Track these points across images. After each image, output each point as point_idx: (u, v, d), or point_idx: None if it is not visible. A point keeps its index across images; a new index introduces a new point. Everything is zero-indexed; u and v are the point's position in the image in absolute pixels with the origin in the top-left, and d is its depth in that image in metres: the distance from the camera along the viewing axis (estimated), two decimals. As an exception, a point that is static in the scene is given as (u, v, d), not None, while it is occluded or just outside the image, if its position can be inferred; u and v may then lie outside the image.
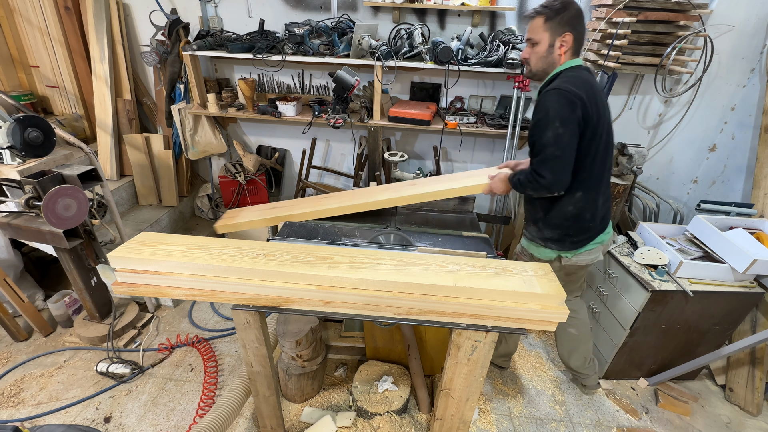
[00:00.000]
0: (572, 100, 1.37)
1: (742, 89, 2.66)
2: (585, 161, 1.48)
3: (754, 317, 2.21)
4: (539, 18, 1.47)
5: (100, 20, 2.82)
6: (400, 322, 1.32)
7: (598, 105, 1.43)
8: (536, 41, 1.49)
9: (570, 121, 1.38)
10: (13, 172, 1.80)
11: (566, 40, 1.45)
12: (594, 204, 1.59)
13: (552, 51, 1.48)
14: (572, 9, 1.43)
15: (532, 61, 1.54)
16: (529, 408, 2.13)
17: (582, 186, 1.53)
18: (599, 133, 1.46)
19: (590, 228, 1.64)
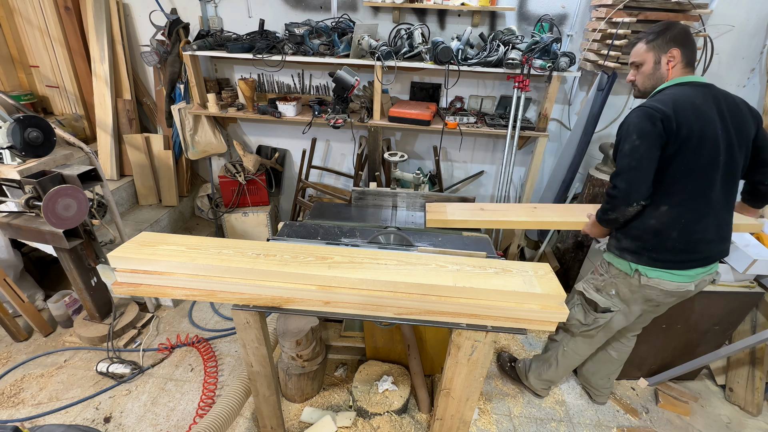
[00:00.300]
0: (652, 114, 1.35)
1: (742, 89, 2.66)
2: (672, 175, 1.41)
3: (754, 317, 2.21)
4: (640, 43, 1.50)
5: (100, 20, 2.82)
6: (400, 322, 1.32)
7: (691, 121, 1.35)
8: (640, 62, 1.51)
9: (648, 134, 1.35)
10: (13, 172, 1.80)
11: (674, 55, 1.44)
12: (685, 224, 1.45)
13: (659, 68, 1.47)
14: (676, 28, 1.44)
15: (639, 81, 1.54)
16: (529, 408, 2.13)
17: (668, 201, 1.45)
18: (689, 150, 1.37)
19: (676, 249, 1.48)
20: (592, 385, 2.14)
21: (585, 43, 2.63)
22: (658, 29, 1.45)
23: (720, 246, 1.54)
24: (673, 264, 1.51)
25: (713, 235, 1.49)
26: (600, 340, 1.87)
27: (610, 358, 2.02)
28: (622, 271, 1.62)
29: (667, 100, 1.38)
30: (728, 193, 1.49)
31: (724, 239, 1.54)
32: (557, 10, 2.61)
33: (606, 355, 2.03)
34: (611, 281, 1.68)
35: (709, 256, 1.53)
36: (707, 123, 1.37)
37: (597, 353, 2.06)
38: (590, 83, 2.78)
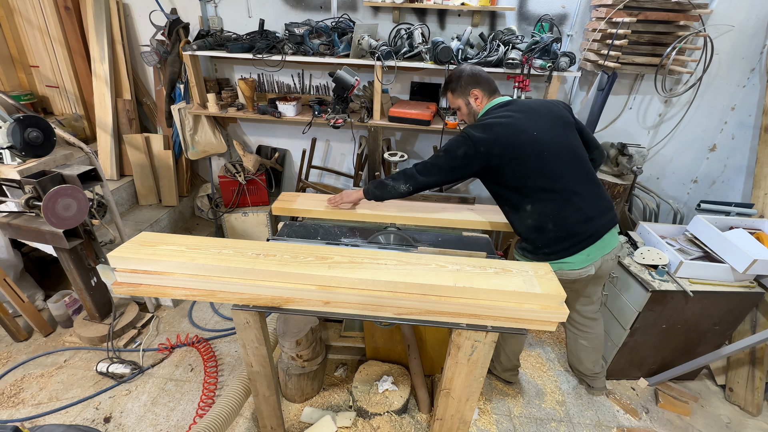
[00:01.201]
0: (463, 139, 1.56)
1: (742, 89, 2.66)
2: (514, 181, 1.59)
3: (754, 317, 2.21)
4: (448, 94, 1.76)
5: (100, 20, 2.82)
6: (400, 322, 1.32)
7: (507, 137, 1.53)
8: (457, 107, 1.77)
9: (450, 152, 1.58)
10: (13, 172, 1.80)
11: (476, 93, 1.69)
12: (552, 213, 1.58)
13: (471, 107, 1.72)
14: (465, 73, 1.69)
15: (467, 120, 1.79)
16: (529, 408, 2.13)
17: (528, 200, 1.60)
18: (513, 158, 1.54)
19: (558, 237, 1.60)
20: (584, 372, 2.21)
21: (585, 43, 2.63)
22: (454, 78, 1.71)
23: (601, 219, 1.64)
24: (565, 252, 1.62)
25: (589, 213, 1.60)
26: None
27: (585, 347, 2.09)
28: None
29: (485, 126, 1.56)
30: (581, 171, 1.61)
31: (603, 211, 1.65)
32: (557, 10, 2.61)
33: (580, 346, 2.11)
34: None
35: (594, 233, 1.63)
36: (520, 132, 1.54)
37: (571, 345, 2.18)
38: (590, 83, 2.78)
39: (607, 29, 2.36)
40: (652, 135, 2.92)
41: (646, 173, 3.02)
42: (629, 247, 2.27)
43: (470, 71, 1.70)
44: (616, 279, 2.18)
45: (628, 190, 2.67)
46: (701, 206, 2.34)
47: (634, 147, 2.49)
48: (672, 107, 2.80)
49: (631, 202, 2.94)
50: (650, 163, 3.00)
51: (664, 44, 2.38)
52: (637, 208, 2.95)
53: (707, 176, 2.96)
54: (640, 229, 2.32)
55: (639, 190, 2.96)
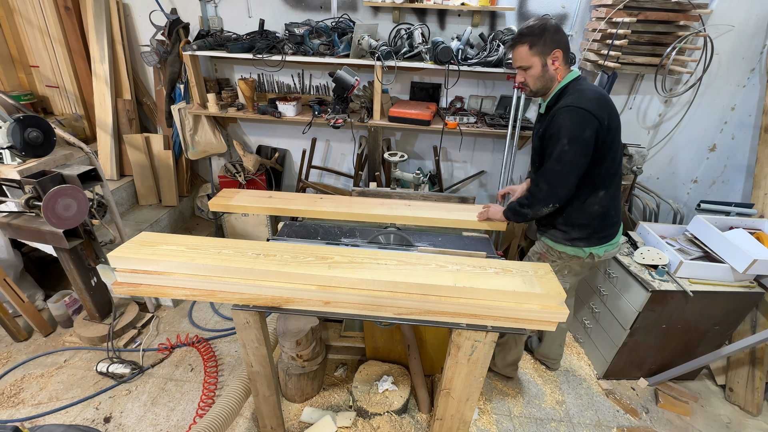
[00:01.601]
0: (586, 118, 1.41)
1: (742, 89, 2.66)
2: (603, 165, 1.53)
3: (754, 317, 2.21)
4: (522, 47, 1.52)
5: (100, 20, 2.82)
6: (400, 322, 1.32)
7: (611, 115, 1.48)
8: (527, 66, 1.55)
9: (577, 141, 1.43)
10: (13, 172, 1.80)
11: (557, 56, 1.51)
12: (616, 200, 1.67)
13: (547, 69, 1.54)
14: (551, 27, 1.49)
15: (530, 83, 1.59)
16: (529, 408, 2.13)
17: (604, 185, 1.59)
18: (614, 140, 1.51)
19: (615, 223, 1.72)
20: (550, 357, 2.33)
21: (585, 43, 2.63)
22: (537, 31, 1.49)
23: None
24: (614, 235, 1.74)
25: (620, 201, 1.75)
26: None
27: (559, 328, 2.13)
28: (576, 256, 1.76)
29: (594, 100, 1.44)
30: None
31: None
32: (557, 10, 2.61)
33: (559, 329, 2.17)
34: (566, 264, 1.82)
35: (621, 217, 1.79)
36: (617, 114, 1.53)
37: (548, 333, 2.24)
38: (590, 83, 2.78)
39: (607, 29, 2.36)
40: (652, 135, 2.92)
41: (646, 173, 3.02)
42: (629, 247, 2.27)
43: (556, 28, 1.50)
44: (616, 279, 2.19)
45: (628, 190, 2.67)
46: (701, 206, 2.34)
47: (634, 147, 2.49)
48: (672, 107, 2.80)
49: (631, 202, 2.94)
50: (650, 163, 3.00)
51: (664, 44, 2.38)
52: (637, 208, 2.95)
53: (707, 176, 2.96)
54: (640, 229, 2.32)
55: (639, 190, 2.96)
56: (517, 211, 1.67)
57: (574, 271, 1.84)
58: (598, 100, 1.45)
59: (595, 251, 1.72)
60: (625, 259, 2.16)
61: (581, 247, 1.71)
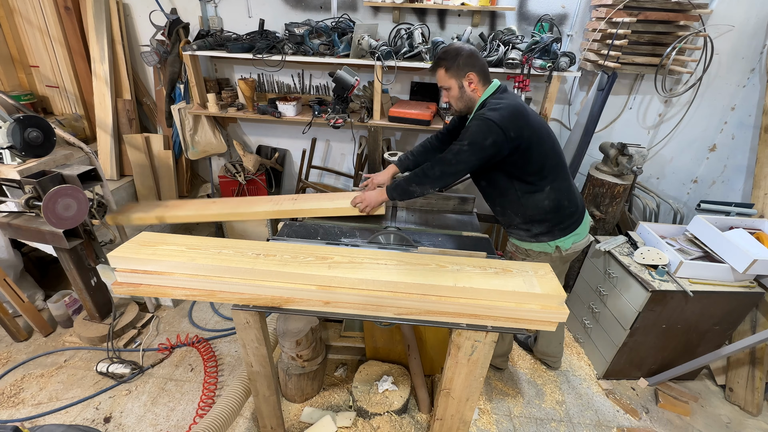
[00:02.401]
0: (490, 128, 1.50)
1: (742, 89, 2.66)
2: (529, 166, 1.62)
3: (754, 317, 2.21)
4: (440, 70, 1.64)
5: (100, 20, 2.82)
6: (400, 322, 1.32)
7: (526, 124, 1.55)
8: (447, 87, 1.66)
9: (475, 145, 1.53)
10: (13, 172, 1.80)
11: (471, 78, 1.60)
12: (567, 191, 1.72)
13: (464, 91, 1.64)
14: (465, 52, 1.59)
15: (453, 103, 1.71)
16: (529, 408, 2.13)
17: (548, 180, 1.66)
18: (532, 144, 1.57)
19: (573, 213, 1.75)
20: (550, 354, 2.34)
21: (585, 43, 2.63)
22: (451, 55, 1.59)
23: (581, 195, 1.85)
24: (575, 224, 1.77)
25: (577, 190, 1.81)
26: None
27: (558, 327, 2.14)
28: (543, 252, 1.81)
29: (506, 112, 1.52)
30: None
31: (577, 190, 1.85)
32: (557, 10, 2.61)
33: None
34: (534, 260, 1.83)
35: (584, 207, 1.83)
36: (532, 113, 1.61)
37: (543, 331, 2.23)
38: (590, 83, 2.78)
39: (607, 29, 2.36)
40: (652, 135, 2.92)
41: (646, 173, 3.02)
42: (629, 247, 2.27)
43: (469, 52, 1.60)
44: (616, 279, 2.19)
45: (628, 190, 2.67)
46: (701, 206, 2.34)
47: (634, 147, 2.49)
48: (672, 107, 2.80)
49: (631, 202, 2.95)
50: (650, 163, 3.00)
51: (664, 44, 2.38)
52: (637, 208, 2.95)
53: (707, 176, 2.96)
54: (640, 229, 2.32)
55: (639, 190, 2.96)
56: (404, 189, 1.71)
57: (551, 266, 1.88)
58: (510, 113, 1.52)
59: (560, 244, 1.77)
60: (625, 259, 2.16)
61: (545, 241, 1.77)
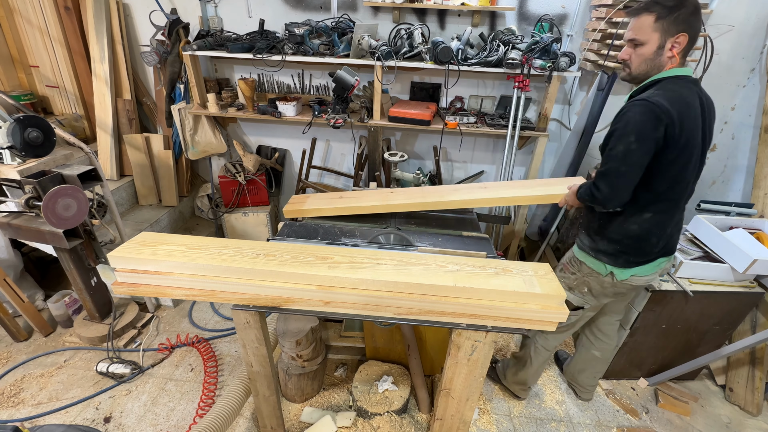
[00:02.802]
0: (659, 115, 1.22)
1: (742, 89, 2.65)
2: (660, 182, 1.35)
3: (754, 317, 2.21)
4: (648, 16, 1.27)
5: (100, 20, 2.82)
6: (400, 322, 1.32)
7: (691, 128, 1.28)
8: (641, 42, 1.30)
9: (647, 139, 1.25)
10: (13, 172, 1.80)
11: (680, 41, 1.26)
12: (663, 229, 1.46)
13: (661, 53, 1.29)
14: (690, 5, 1.24)
15: (634, 63, 1.35)
16: (529, 408, 2.13)
17: (654, 208, 1.41)
18: (685, 158, 1.31)
19: (651, 252, 1.50)
20: (579, 383, 2.16)
21: (585, 43, 2.63)
22: (671, 4, 1.23)
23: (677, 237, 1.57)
24: (645, 263, 1.54)
25: (676, 231, 1.54)
26: (566, 334, 1.90)
27: (594, 357, 2.04)
28: (595, 271, 1.61)
29: (674, 99, 1.25)
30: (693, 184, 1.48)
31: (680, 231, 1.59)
32: (557, 10, 2.61)
33: (589, 354, 2.05)
34: (583, 279, 1.67)
35: (672, 249, 1.57)
36: (698, 130, 1.32)
37: (580, 352, 2.10)
38: (590, 83, 2.78)
39: (607, 29, 2.36)
40: (652, 135, 2.91)
41: (646, 173, 3.02)
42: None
43: (695, 8, 1.25)
44: (616, 279, 2.18)
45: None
46: (701, 206, 2.34)
47: (634, 147, 2.49)
48: (672, 107, 2.79)
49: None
50: (650, 163, 2.99)
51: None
52: (637, 208, 2.95)
53: (707, 176, 2.96)
54: (640, 229, 2.32)
55: (639, 190, 2.95)
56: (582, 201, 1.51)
57: (593, 291, 1.66)
58: (680, 103, 1.25)
59: (617, 272, 1.54)
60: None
61: (604, 262, 1.55)
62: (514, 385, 2.13)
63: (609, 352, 2.03)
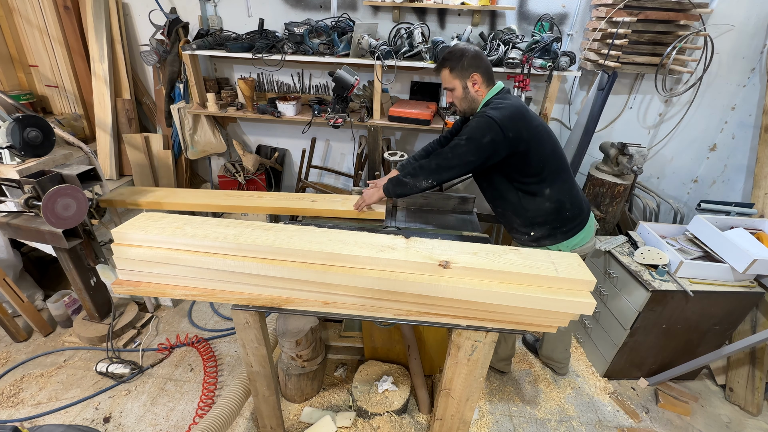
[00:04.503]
0: (489, 125, 1.50)
1: (742, 89, 2.65)
2: (529, 168, 1.61)
3: (754, 317, 2.21)
4: (445, 70, 1.63)
5: (100, 20, 2.81)
6: (399, 323, 1.31)
7: (528, 121, 1.56)
8: (451, 87, 1.65)
9: (473, 141, 1.52)
10: (12, 171, 1.80)
11: (475, 79, 1.60)
12: (569, 194, 1.69)
13: (468, 92, 1.63)
14: (469, 53, 1.59)
15: (457, 104, 1.70)
16: (529, 408, 2.13)
17: (548, 183, 1.65)
18: (536, 140, 1.57)
19: (575, 215, 1.72)
20: (555, 360, 2.30)
21: (585, 43, 2.62)
22: (456, 56, 1.59)
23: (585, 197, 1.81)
24: (578, 227, 1.73)
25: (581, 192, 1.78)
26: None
27: (561, 331, 2.12)
28: None
29: (507, 112, 1.51)
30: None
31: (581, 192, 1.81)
32: (557, 10, 2.60)
33: (559, 332, 2.12)
34: None
35: (588, 208, 1.79)
36: (533, 116, 1.59)
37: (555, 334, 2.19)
38: (590, 83, 2.78)
39: (607, 29, 2.36)
40: (652, 135, 2.92)
41: (646, 173, 3.02)
42: (630, 247, 2.27)
43: (474, 53, 1.60)
44: (617, 279, 2.18)
45: (629, 190, 2.66)
46: (701, 206, 2.34)
47: (635, 147, 2.49)
48: (672, 107, 2.80)
49: (632, 201, 2.94)
50: (650, 163, 2.99)
51: (664, 44, 2.38)
52: (637, 208, 2.95)
53: (707, 176, 2.96)
54: (641, 228, 2.32)
55: (639, 190, 2.96)
56: (399, 181, 1.69)
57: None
58: (511, 113, 1.52)
59: (561, 246, 1.73)
60: (625, 258, 2.16)
61: (547, 246, 1.73)
62: (497, 362, 2.26)
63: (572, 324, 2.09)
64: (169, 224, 1.32)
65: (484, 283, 1.19)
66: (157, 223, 1.32)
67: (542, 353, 2.36)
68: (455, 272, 1.20)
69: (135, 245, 1.28)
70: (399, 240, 1.35)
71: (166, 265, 1.27)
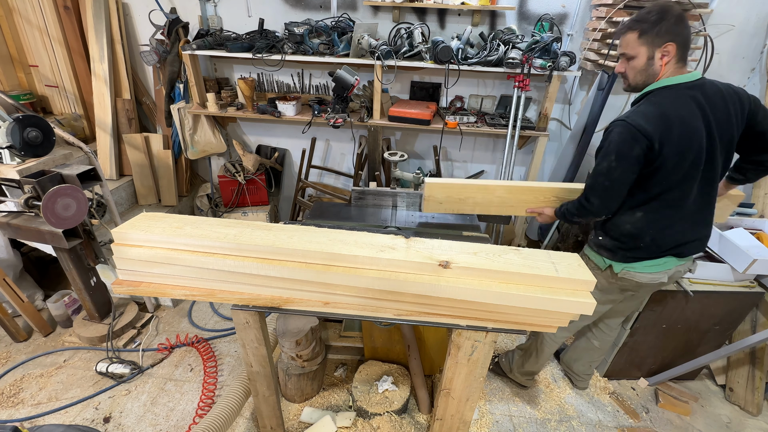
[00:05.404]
0: (635, 135, 1.31)
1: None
2: (654, 185, 1.41)
3: (754, 317, 2.21)
4: (632, 34, 1.37)
5: (100, 20, 2.81)
6: (399, 323, 1.31)
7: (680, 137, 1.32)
8: (631, 56, 1.39)
9: (625, 158, 1.34)
10: (12, 171, 1.80)
11: (668, 50, 1.33)
12: (659, 229, 1.48)
13: (652, 63, 1.37)
14: (671, 17, 1.30)
15: (630, 75, 1.44)
16: (529, 408, 2.13)
17: (644, 209, 1.48)
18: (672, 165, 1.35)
19: (650, 249, 1.53)
20: (574, 371, 2.22)
21: (585, 43, 2.62)
22: (653, 18, 1.31)
23: (697, 244, 1.56)
24: (645, 258, 1.56)
25: (689, 237, 1.52)
26: (577, 327, 1.94)
27: (592, 346, 2.08)
28: (596, 265, 1.69)
29: (653, 115, 1.32)
30: (706, 196, 1.49)
31: (701, 238, 1.56)
32: (557, 10, 2.60)
33: (588, 344, 2.09)
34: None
35: (683, 253, 1.55)
36: (691, 138, 1.33)
37: (579, 341, 2.15)
38: (590, 83, 2.78)
39: (607, 29, 2.36)
40: (652, 135, 2.91)
41: (646, 173, 3.02)
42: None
43: (677, 17, 1.30)
44: (616, 279, 2.18)
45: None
46: (701, 206, 2.33)
47: (635, 147, 2.49)
48: (672, 107, 2.79)
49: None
50: (650, 163, 2.99)
51: (664, 44, 2.37)
52: (637, 208, 2.94)
53: (707, 176, 2.95)
54: (641, 228, 2.31)
55: (639, 190, 2.95)
56: (567, 219, 1.63)
57: (599, 285, 1.67)
58: (662, 119, 1.31)
59: (614, 265, 1.60)
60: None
61: (603, 256, 1.63)
62: (520, 376, 2.18)
63: (608, 343, 2.07)
64: (169, 224, 1.32)
65: (484, 283, 1.19)
66: (157, 223, 1.32)
67: (563, 360, 2.29)
68: (455, 272, 1.20)
69: (135, 245, 1.28)
70: (399, 240, 1.34)
71: (166, 265, 1.27)
